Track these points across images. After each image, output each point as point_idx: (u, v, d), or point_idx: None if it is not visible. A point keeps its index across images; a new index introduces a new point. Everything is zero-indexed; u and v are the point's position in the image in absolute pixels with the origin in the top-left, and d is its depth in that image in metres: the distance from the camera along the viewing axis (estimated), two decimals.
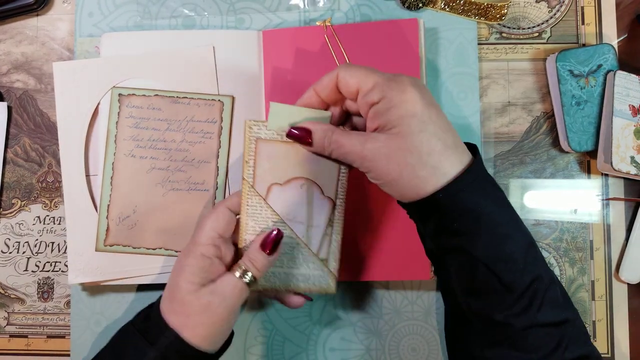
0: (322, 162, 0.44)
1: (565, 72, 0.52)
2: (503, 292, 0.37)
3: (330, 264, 0.45)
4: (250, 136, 0.44)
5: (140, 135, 0.51)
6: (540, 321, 0.37)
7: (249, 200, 0.44)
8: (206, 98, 0.52)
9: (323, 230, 0.45)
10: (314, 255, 0.45)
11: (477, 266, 0.37)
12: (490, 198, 0.38)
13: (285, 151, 0.44)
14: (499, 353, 0.38)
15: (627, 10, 0.55)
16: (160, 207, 0.51)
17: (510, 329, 0.37)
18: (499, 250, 0.37)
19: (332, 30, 0.51)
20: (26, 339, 0.54)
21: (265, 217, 0.44)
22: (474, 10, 0.54)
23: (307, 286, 0.45)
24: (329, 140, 0.40)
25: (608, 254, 0.54)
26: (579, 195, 0.54)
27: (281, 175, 0.44)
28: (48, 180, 0.55)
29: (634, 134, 0.51)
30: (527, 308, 0.37)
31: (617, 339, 0.53)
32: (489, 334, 0.39)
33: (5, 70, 0.55)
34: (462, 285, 0.39)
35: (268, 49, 0.52)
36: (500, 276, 0.37)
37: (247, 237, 0.44)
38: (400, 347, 0.53)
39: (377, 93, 0.38)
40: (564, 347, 0.37)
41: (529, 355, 0.37)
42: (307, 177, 0.44)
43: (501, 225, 0.38)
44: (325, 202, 0.44)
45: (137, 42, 0.52)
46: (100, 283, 0.51)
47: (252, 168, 0.44)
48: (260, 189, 0.44)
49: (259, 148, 0.44)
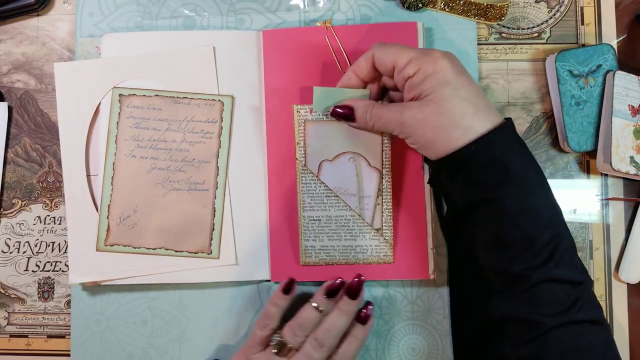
0: (366, 135, 0.48)
1: (564, 72, 0.52)
2: (524, 245, 0.39)
3: (385, 233, 0.48)
4: (298, 119, 0.49)
5: (141, 136, 0.52)
6: (557, 276, 0.39)
7: (303, 178, 0.49)
8: (206, 98, 0.52)
9: (374, 200, 0.49)
10: (369, 226, 0.48)
11: (502, 218, 0.39)
12: (519, 155, 0.41)
13: (331, 129, 0.49)
14: (515, 307, 0.40)
15: (627, 11, 0.56)
16: (161, 207, 0.51)
17: (527, 282, 0.39)
18: (523, 203, 0.39)
19: (333, 31, 0.52)
20: (26, 338, 0.54)
21: (319, 193, 0.49)
22: (473, 10, 0.54)
23: (366, 257, 0.49)
24: (370, 115, 0.44)
25: (607, 254, 0.54)
26: (578, 195, 0.54)
27: (330, 152, 0.49)
28: (49, 180, 0.55)
29: (634, 134, 0.51)
30: (545, 262, 0.39)
31: (617, 339, 0.53)
32: (506, 289, 0.40)
33: (6, 70, 0.56)
34: (485, 238, 0.41)
35: (268, 49, 0.52)
36: (523, 228, 0.39)
37: (305, 213, 0.49)
38: (400, 347, 0.53)
39: (412, 67, 0.41)
40: (579, 307, 0.39)
41: (543, 310, 0.39)
42: (353, 150, 0.48)
43: (528, 180, 0.40)
44: (373, 172, 0.48)
45: (137, 43, 0.53)
46: (100, 283, 0.51)
47: (302, 148, 0.49)
48: (312, 166, 0.49)
49: (307, 129, 0.48)
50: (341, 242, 0.49)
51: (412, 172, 0.50)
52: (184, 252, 0.51)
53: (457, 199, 0.43)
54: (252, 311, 0.53)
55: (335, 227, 0.50)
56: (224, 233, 0.51)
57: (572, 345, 0.38)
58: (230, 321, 0.53)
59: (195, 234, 0.51)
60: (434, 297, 0.53)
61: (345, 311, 0.46)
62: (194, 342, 0.53)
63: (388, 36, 0.51)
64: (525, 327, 0.39)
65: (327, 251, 0.50)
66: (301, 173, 0.49)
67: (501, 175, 0.40)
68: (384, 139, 0.49)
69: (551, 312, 0.38)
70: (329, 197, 0.49)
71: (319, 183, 0.49)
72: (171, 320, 0.53)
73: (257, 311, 0.53)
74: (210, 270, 0.51)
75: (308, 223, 0.50)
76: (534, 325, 0.39)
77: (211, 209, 0.52)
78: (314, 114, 0.49)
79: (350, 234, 0.49)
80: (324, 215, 0.50)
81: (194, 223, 0.51)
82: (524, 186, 0.40)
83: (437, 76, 0.40)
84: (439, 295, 0.53)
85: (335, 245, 0.49)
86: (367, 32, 0.51)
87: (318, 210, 0.50)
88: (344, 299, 0.46)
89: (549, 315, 0.38)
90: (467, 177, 0.41)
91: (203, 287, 0.53)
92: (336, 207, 0.50)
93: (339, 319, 0.46)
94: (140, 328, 0.53)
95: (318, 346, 0.45)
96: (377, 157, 0.49)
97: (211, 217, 0.51)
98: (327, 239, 0.50)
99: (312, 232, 0.50)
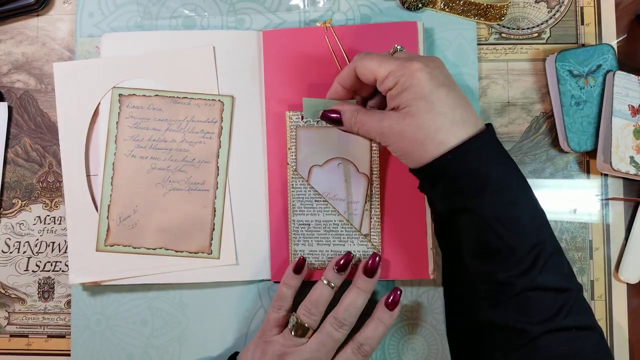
0: (355, 141, 0.49)
1: (564, 72, 0.52)
2: (506, 253, 0.39)
3: (373, 238, 0.49)
4: (290, 125, 0.49)
5: (141, 136, 0.52)
6: (541, 284, 0.39)
7: (294, 182, 0.49)
8: (206, 98, 0.52)
9: (362, 205, 0.49)
10: (357, 231, 0.49)
11: (483, 226, 0.40)
12: (499, 164, 0.41)
13: (322, 135, 0.50)
14: (501, 315, 0.40)
15: (627, 11, 0.56)
16: (161, 207, 0.51)
17: (512, 290, 0.39)
18: (503, 211, 0.39)
19: (333, 32, 0.52)
20: (27, 338, 0.54)
21: (309, 197, 0.49)
22: (473, 10, 0.54)
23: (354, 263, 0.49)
24: (354, 120, 0.45)
25: (607, 254, 0.54)
26: (578, 195, 0.54)
27: (320, 157, 0.50)
28: (49, 180, 0.55)
29: (634, 134, 0.51)
30: (528, 270, 0.39)
31: (617, 339, 0.54)
32: (493, 296, 0.40)
33: (6, 71, 0.56)
34: (469, 246, 0.41)
35: (268, 49, 0.52)
36: (504, 237, 0.39)
37: (295, 217, 0.49)
38: (400, 347, 0.53)
39: (391, 80, 0.42)
40: (565, 313, 0.38)
41: (529, 318, 0.39)
42: (342, 156, 0.49)
43: (508, 189, 0.40)
44: (362, 178, 0.49)
45: (137, 43, 0.53)
46: (101, 283, 0.51)
47: (294, 153, 0.50)
48: (302, 171, 0.49)
49: (298, 135, 0.49)
50: (330, 247, 0.50)
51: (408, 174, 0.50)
52: (184, 252, 0.51)
53: (440, 207, 0.43)
54: (252, 311, 0.53)
55: (324, 232, 0.50)
56: (224, 233, 0.51)
57: (561, 350, 0.38)
58: (230, 321, 0.53)
59: (195, 234, 0.51)
60: (433, 297, 0.53)
61: (363, 290, 0.46)
62: (194, 342, 0.53)
63: (388, 36, 0.51)
64: (513, 334, 0.39)
65: (315, 256, 0.50)
66: (292, 178, 0.50)
67: (479, 184, 0.40)
68: (372, 145, 0.49)
69: (537, 319, 0.38)
70: (318, 201, 0.49)
71: (309, 188, 0.49)
72: (171, 320, 0.53)
73: (257, 311, 0.53)
74: (210, 270, 0.51)
75: (297, 227, 0.50)
76: (521, 333, 0.39)
77: (211, 209, 0.52)
78: (305, 120, 0.49)
79: (339, 239, 0.49)
80: (313, 219, 0.50)
81: (194, 223, 0.51)
82: (503, 194, 0.40)
83: (413, 90, 0.40)
84: (438, 295, 0.53)
85: (324, 250, 0.50)
86: (367, 32, 0.51)
87: (308, 214, 0.50)
88: (362, 277, 0.47)
89: (535, 323, 0.38)
90: (445, 185, 0.41)
91: (203, 287, 0.53)
92: (325, 212, 0.50)
93: (358, 297, 0.46)
94: (140, 328, 0.53)
95: (338, 325, 0.45)
96: (365, 163, 0.49)
97: (211, 217, 0.51)
98: (316, 244, 0.50)
99: (301, 236, 0.50)
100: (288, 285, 0.48)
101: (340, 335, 0.45)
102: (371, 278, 0.47)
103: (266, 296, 0.53)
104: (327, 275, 0.47)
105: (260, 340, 0.47)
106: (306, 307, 0.46)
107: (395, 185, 0.51)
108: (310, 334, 0.46)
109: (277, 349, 0.46)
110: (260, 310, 0.53)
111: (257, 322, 0.53)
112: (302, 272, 0.48)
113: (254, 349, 0.47)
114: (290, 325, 0.46)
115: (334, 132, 0.49)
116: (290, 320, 0.46)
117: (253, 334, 0.53)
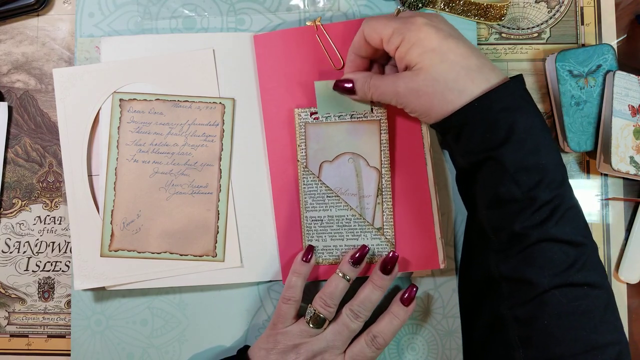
0: (364, 135, 0.49)
1: (564, 72, 0.52)
2: (525, 203, 0.39)
3: (386, 232, 0.49)
4: (299, 122, 0.49)
5: (143, 140, 0.51)
6: (556, 236, 0.38)
7: (305, 179, 0.49)
8: (207, 101, 0.52)
9: (374, 199, 0.49)
10: (370, 225, 0.49)
11: (504, 175, 0.39)
12: (524, 112, 0.40)
13: (331, 131, 0.49)
14: (512, 267, 0.40)
15: (627, 11, 0.56)
16: (164, 211, 0.51)
17: (526, 241, 0.39)
18: (525, 160, 0.39)
19: (323, 29, 0.52)
20: (27, 338, 0.54)
21: (321, 194, 0.50)
22: (473, 10, 0.54)
23: (368, 257, 0.49)
24: (368, 85, 0.45)
25: (607, 254, 0.54)
26: (578, 195, 0.54)
27: (329, 153, 0.50)
28: (49, 180, 0.55)
29: (634, 134, 0.51)
30: (545, 220, 0.38)
31: None
32: (504, 248, 0.40)
33: (6, 71, 0.56)
34: (488, 197, 0.41)
35: (260, 53, 0.52)
36: (524, 186, 0.39)
37: (308, 214, 0.50)
38: (400, 347, 0.53)
39: (397, 38, 0.41)
40: (578, 268, 0.38)
41: (540, 270, 0.38)
42: (352, 151, 0.49)
43: (532, 137, 0.39)
44: (372, 171, 0.49)
45: (136, 46, 0.52)
46: (106, 288, 0.51)
47: (304, 150, 0.50)
48: (312, 168, 0.49)
49: (307, 132, 0.49)
50: (344, 242, 0.50)
51: (415, 166, 0.50)
52: (189, 255, 0.51)
53: (462, 161, 0.43)
54: (252, 311, 0.53)
55: (337, 227, 0.50)
56: (229, 236, 0.51)
57: (568, 307, 0.37)
58: (230, 321, 0.53)
59: (199, 237, 0.51)
60: (434, 297, 0.53)
61: (379, 286, 0.47)
62: (194, 342, 0.53)
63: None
64: (521, 287, 0.39)
65: (330, 251, 0.50)
66: (303, 174, 0.50)
67: (503, 133, 0.39)
68: (382, 138, 0.49)
69: (548, 272, 0.38)
70: (330, 197, 0.50)
71: (320, 184, 0.50)
72: (171, 320, 0.53)
73: (257, 311, 0.53)
74: (215, 273, 0.51)
75: (310, 223, 0.50)
76: (530, 286, 0.38)
77: (215, 212, 0.52)
78: (313, 115, 0.49)
79: (352, 234, 0.50)
80: (325, 215, 0.50)
81: (198, 226, 0.51)
82: (527, 143, 0.39)
83: (421, 44, 0.40)
84: (438, 295, 0.53)
85: (337, 245, 0.50)
86: (357, 27, 0.51)
87: (320, 210, 0.50)
88: (378, 274, 0.47)
89: (546, 276, 0.38)
90: (469, 136, 0.40)
91: (203, 287, 0.53)
92: (337, 207, 0.50)
93: (373, 293, 0.47)
94: (140, 328, 0.53)
95: (354, 317, 0.46)
96: (376, 157, 0.49)
97: (215, 220, 0.51)
98: (329, 239, 0.50)
99: (314, 232, 0.50)
100: (298, 273, 0.48)
101: (356, 326, 0.46)
102: (387, 275, 0.47)
103: (266, 296, 0.53)
104: (342, 268, 0.48)
105: (271, 332, 0.48)
106: (322, 299, 0.47)
107: (402, 177, 0.51)
108: (326, 324, 0.47)
109: (291, 339, 0.46)
110: (261, 311, 0.53)
111: (257, 322, 0.53)
112: (311, 260, 0.49)
113: (265, 340, 0.48)
114: (307, 316, 0.47)
115: (343, 127, 0.49)
116: (307, 312, 0.47)
117: (254, 332, 0.53)
